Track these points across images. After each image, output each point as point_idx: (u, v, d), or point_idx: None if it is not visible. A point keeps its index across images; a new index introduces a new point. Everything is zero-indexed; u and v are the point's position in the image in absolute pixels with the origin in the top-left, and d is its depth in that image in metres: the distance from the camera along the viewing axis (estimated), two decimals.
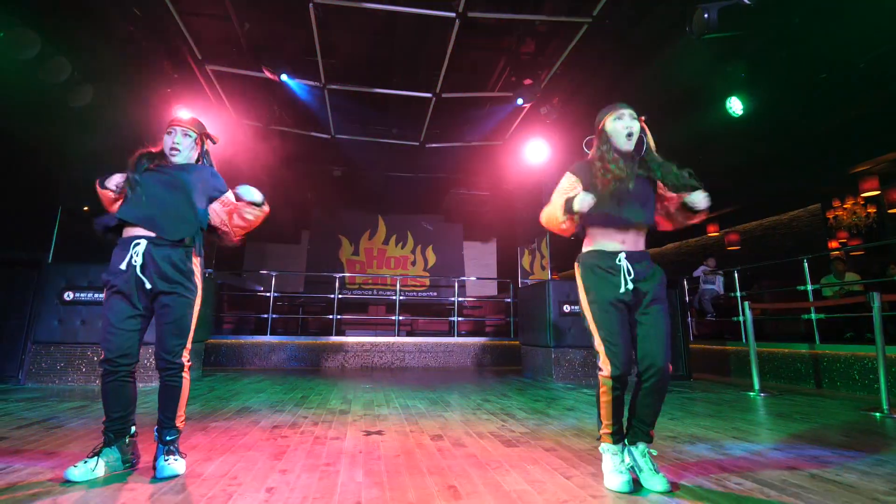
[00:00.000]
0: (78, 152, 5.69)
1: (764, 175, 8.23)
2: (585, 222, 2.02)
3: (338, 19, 5.51)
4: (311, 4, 5.01)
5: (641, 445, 1.90)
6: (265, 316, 7.91)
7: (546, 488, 1.82)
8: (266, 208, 2.26)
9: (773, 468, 2.11)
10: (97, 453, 1.89)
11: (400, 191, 10.40)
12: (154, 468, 1.91)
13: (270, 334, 7.66)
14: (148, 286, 1.93)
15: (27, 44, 4.63)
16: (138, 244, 1.94)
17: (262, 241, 10.75)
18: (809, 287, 5.51)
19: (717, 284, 8.58)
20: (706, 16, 4.23)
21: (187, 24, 5.50)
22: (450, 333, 8.69)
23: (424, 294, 10.93)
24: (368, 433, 2.76)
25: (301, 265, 10.76)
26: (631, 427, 1.94)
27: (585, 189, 1.94)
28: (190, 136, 2.17)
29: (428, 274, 11.04)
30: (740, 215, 10.97)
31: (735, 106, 5.43)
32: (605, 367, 1.87)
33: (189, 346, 2.06)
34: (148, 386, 4.60)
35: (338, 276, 8.91)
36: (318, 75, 6.38)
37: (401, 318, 8.54)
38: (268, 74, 5.95)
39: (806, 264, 5.55)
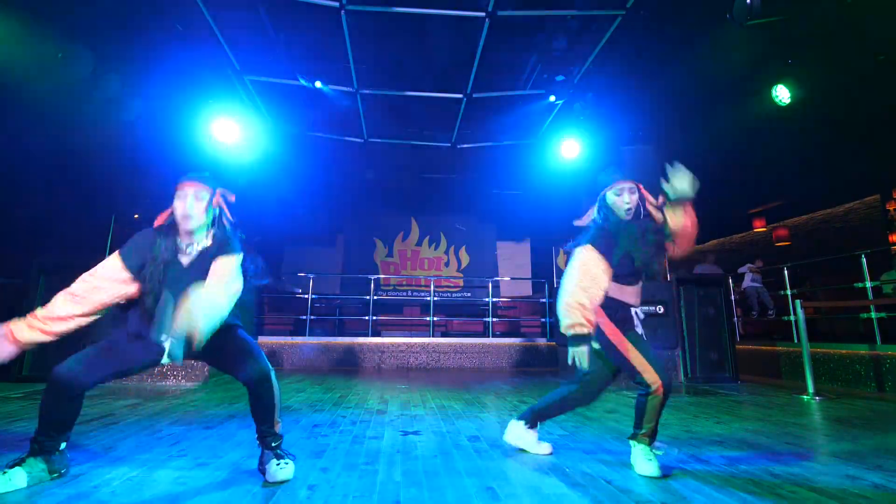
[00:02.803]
0: (128, 163, 6.03)
1: (815, 166, 7.79)
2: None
3: (369, 24, 5.59)
4: (343, 12, 5.11)
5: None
6: (303, 317, 8.12)
7: (587, 492, 1.78)
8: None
9: (832, 477, 1.99)
10: (18, 463, 1.74)
11: (432, 192, 10.46)
12: (263, 472, 1.88)
13: (309, 335, 7.85)
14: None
15: (83, 63, 4.95)
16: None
17: (300, 245, 11.05)
18: (868, 284, 5.17)
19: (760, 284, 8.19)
20: (748, 1, 4.04)
21: (227, 38, 5.72)
22: (484, 334, 8.66)
23: (458, 295, 10.93)
24: (406, 433, 2.78)
25: (337, 267, 10.98)
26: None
27: (610, 263, 2.05)
28: (202, 199, 1.94)
29: (462, 275, 11.04)
30: (789, 209, 10.41)
31: (782, 94, 5.17)
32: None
33: (262, 351, 2.02)
34: (184, 385, 4.80)
35: (373, 277, 9.04)
36: (351, 80, 6.50)
37: (435, 318, 8.57)
38: (303, 82, 6.12)
39: (864, 259, 5.21)
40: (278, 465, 1.86)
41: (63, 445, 1.84)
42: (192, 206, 1.91)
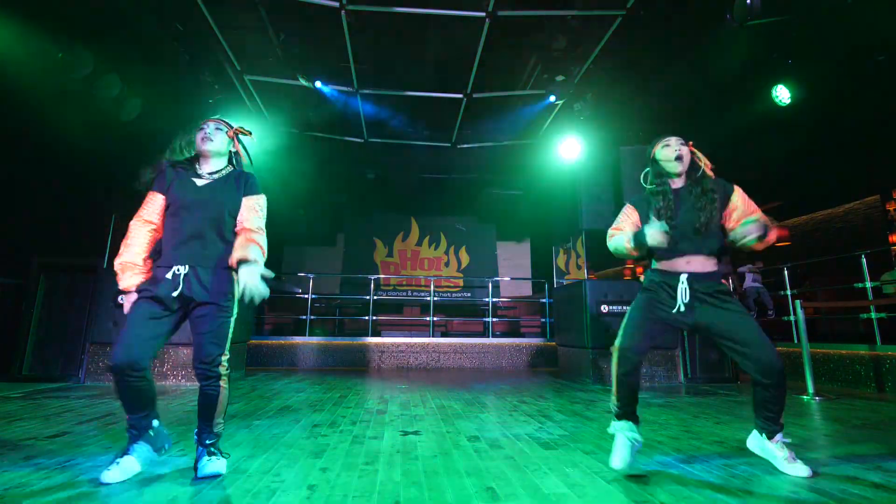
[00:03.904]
0: (129, 163, 6.02)
1: (815, 166, 7.79)
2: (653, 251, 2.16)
3: (369, 24, 5.59)
4: (343, 12, 5.12)
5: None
6: (303, 317, 8.12)
7: (586, 492, 1.78)
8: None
9: (832, 477, 1.99)
10: (126, 452, 1.88)
11: (432, 192, 10.46)
12: (195, 468, 1.91)
13: (309, 335, 7.85)
14: (187, 294, 1.92)
15: (83, 63, 4.95)
16: (179, 271, 1.93)
17: (300, 245, 11.04)
18: (868, 284, 5.17)
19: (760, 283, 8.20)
20: (748, 1, 4.04)
21: (227, 38, 5.72)
22: (484, 334, 8.66)
23: (458, 295, 10.93)
24: (405, 433, 2.78)
25: (337, 267, 10.98)
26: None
27: (644, 221, 2.14)
28: (221, 129, 2.15)
29: (462, 275, 11.04)
30: (789, 209, 10.40)
31: (782, 95, 5.17)
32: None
33: (227, 354, 2.02)
34: (184, 385, 4.80)
35: (373, 277, 9.04)
36: (351, 80, 6.50)
37: (435, 318, 8.57)
38: (303, 82, 6.12)
39: (864, 260, 5.20)
40: (209, 459, 1.91)
41: (156, 423, 1.97)
42: (212, 132, 2.11)
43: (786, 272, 6.20)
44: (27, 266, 5.13)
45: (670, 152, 2.15)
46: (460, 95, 6.78)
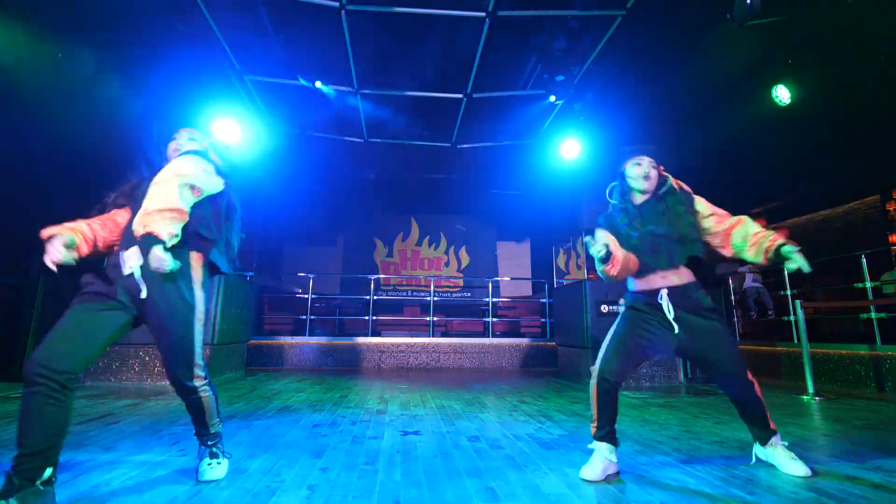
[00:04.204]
0: (128, 162, 6.02)
1: (815, 166, 7.78)
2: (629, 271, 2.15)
3: (369, 24, 5.59)
4: (343, 12, 5.11)
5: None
6: (304, 317, 8.12)
7: (586, 492, 1.78)
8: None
9: (832, 477, 1.99)
10: None
11: (432, 192, 10.46)
12: (197, 470, 1.89)
13: (309, 335, 7.85)
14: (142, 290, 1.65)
15: (83, 63, 4.94)
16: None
17: (300, 245, 11.04)
18: (868, 284, 5.17)
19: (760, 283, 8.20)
20: (748, 1, 4.04)
21: (227, 38, 5.72)
22: (484, 334, 8.66)
23: (458, 295, 10.93)
24: (406, 433, 2.78)
25: (337, 267, 10.98)
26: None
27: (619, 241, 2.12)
28: (194, 140, 2.10)
29: (462, 275, 11.04)
30: (789, 209, 10.40)
31: (782, 94, 5.17)
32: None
33: (198, 362, 1.79)
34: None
35: (373, 277, 9.04)
36: (351, 80, 6.50)
37: (435, 318, 8.57)
38: (303, 82, 6.12)
39: (864, 260, 5.20)
40: (209, 464, 1.87)
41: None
42: (184, 144, 2.04)
43: (786, 272, 6.19)
44: (27, 266, 5.12)
45: (639, 171, 2.17)
46: (460, 95, 6.78)
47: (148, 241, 1.60)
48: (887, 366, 4.84)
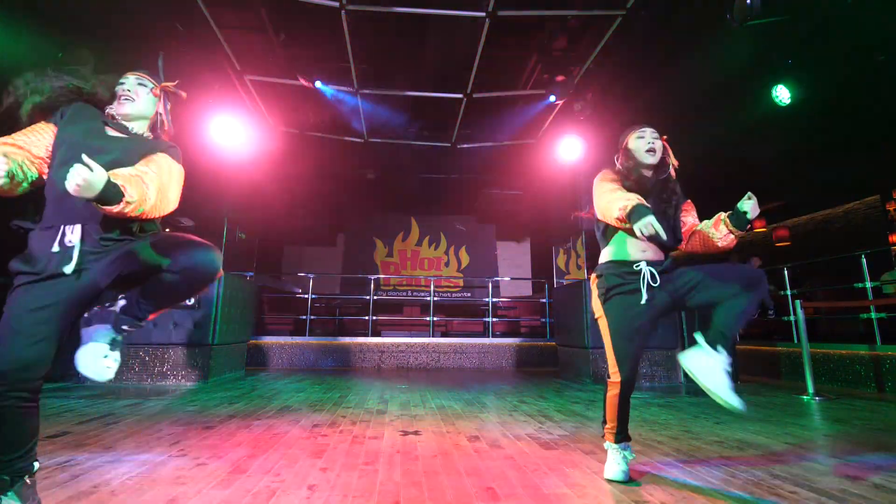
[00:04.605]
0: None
1: (815, 166, 7.79)
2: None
3: (369, 24, 5.59)
4: (343, 12, 5.11)
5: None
6: (303, 317, 8.11)
7: (586, 492, 1.78)
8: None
9: (832, 477, 1.99)
10: None
11: (432, 192, 10.46)
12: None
13: (309, 335, 7.85)
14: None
15: (82, 62, 4.94)
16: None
17: (300, 245, 11.04)
18: (868, 284, 5.17)
19: None
20: (748, 1, 4.04)
21: (227, 38, 5.72)
22: (484, 334, 8.66)
23: (458, 295, 10.93)
24: (405, 433, 2.78)
25: (337, 267, 10.98)
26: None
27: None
28: (146, 85, 1.79)
29: (461, 275, 11.04)
30: (790, 209, 10.41)
31: (782, 94, 5.17)
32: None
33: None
34: (184, 385, 4.80)
35: (372, 277, 9.04)
36: (351, 80, 6.50)
37: (435, 318, 8.56)
38: (303, 82, 6.12)
39: (864, 260, 5.21)
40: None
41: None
42: (132, 88, 1.73)
43: (786, 272, 6.20)
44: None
45: (643, 144, 2.05)
46: (460, 95, 6.78)
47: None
48: (887, 366, 4.84)
